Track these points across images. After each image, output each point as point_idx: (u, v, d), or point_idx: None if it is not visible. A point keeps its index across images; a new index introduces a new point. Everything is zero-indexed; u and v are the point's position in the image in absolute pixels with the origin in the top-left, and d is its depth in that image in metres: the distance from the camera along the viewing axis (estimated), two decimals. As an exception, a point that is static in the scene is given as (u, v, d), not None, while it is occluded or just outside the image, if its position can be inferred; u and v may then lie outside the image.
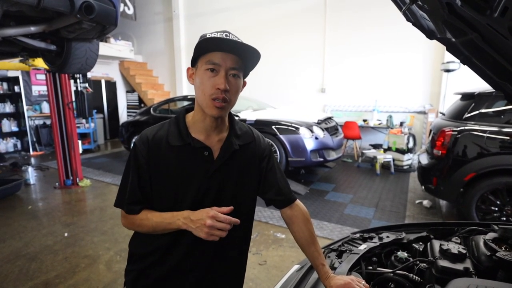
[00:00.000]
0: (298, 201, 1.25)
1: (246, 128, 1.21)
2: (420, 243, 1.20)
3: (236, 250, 1.19)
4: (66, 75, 5.36)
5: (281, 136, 5.22)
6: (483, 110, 3.65)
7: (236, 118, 1.22)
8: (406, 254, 1.10)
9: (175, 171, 1.06)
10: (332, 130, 5.83)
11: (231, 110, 1.12)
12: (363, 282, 0.98)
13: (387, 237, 1.27)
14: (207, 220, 0.93)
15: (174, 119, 1.13)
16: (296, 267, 1.21)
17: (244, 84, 1.11)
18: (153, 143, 1.07)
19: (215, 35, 0.98)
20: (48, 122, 8.83)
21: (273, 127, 5.31)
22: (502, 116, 3.53)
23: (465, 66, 1.08)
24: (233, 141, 1.12)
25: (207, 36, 0.99)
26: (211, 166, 1.08)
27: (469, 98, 3.86)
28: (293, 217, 1.21)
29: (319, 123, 5.59)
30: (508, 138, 3.39)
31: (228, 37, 0.97)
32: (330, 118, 6.24)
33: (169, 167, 1.06)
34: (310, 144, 5.15)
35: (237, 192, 1.14)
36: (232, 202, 1.11)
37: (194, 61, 1.06)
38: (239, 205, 1.13)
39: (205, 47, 1.00)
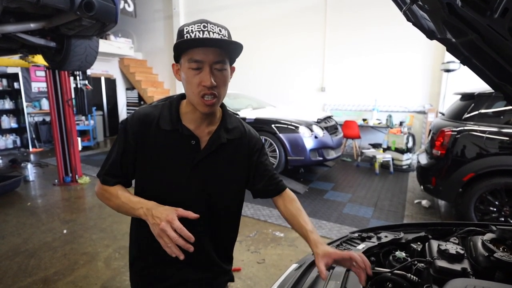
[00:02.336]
0: (287, 190, 1.25)
1: (237, 123, 1.19)
2: (418, 243, 1.20)
3: (223, 239, 1.22)
4: (66, 72, 5.35)
5: (281, 135, 5.22)
6: (482, 111, 3.66)
7: (237, 117, 1.22)
8: (404, 254, 1.10)
9: (161, 155, 1.07)
10: (332, 129, 5.84)
11: (228, 105, 1.13)
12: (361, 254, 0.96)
13: (386, 237, 1.27)
14: (162, 222, 0.92)
15: (169, 103, 1.12)
16: (294, 266, 1.21)
17: (233, 69, 1.09)
18: (144, 122, 1.08)
19: (192, 29, 0.96)
20: (47, 119, 8.82)
21: (272, 125, 5.31)
22: (502, 117, 3.54)
23: (465, 67, 1.08)
24: (222, 134, 1.11)
25: (184, 33, 0.97)
26: (196, 156, 1.08)
27: (468, 98, 3.87)
28: (284, 202, 1.22)
29: (318, 122, 5.59)
30: (507, 138, 3.40)
31: (206, 30, 0.95)
32: (329, 117, 6.24)
33: (156, 149, 1.07)
34: (309, 143, 5.15)
35: (223, 184, 1.14)
36: (217, 194, 1.13)
37: (178, 58, 1.04)
38: (225, 197, 1.16)
39: (184, 44, 0.97)
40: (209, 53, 0.97)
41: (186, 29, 0.97)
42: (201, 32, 0.95)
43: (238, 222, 1.28)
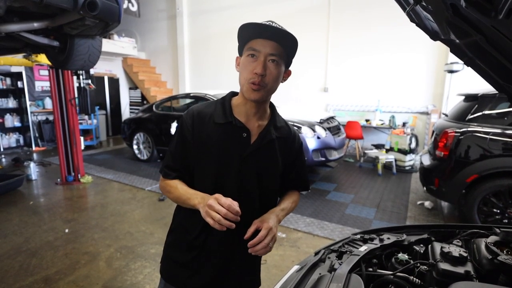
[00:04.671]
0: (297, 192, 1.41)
1: (284, 122, 1.29)
2: (421, 245, 1.19)
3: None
4: (69, 71, 5.37)
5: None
6: (486, 112, 3.64)
7: None
8: (406, 256, 1.09)
9: (214, 147, 1.14)
10: (334, 130, 5.82)
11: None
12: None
13: (388, 238, 1.26)
14: (209, 200, 1.00)
15: (221, 99, 1.21)
16: (296, 267, 1.20)
17: (289, 73, 1.19)
18: (198, 117, 1.16)
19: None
20: (50, 117, 8.87)
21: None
22: (505, 118, 3.52)
23: (469, 67, 1.07)
24: (272, 130, 1.19)
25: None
26: (246, 149, 1.15)
27: (472, 99, 3.85)
28: (287, 193, 1.37)
29: (321, 122, 5.58)
30: (511, 140, 3.37)
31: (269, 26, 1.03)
32: (332, 117, 6.23)
33: (210, 142, 1.14)
34: (312, 144, 5.14)
35: (270, 178, 1.23)
36: (265, 188, 1.21)
37: (241, 50, 1.14)
38: (270, 191, 1.26)
39: (247, 35, 1.08)
40: (266, 45, 1.05)
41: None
42: (259, 23, 1.05)
43: None
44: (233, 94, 1.24)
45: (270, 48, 1.05)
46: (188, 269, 1.23)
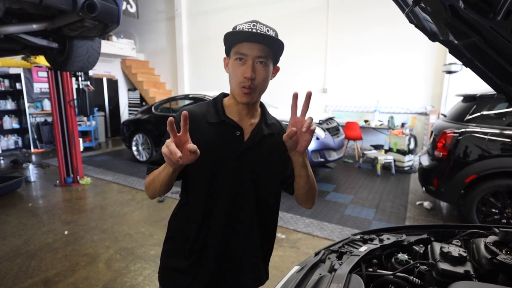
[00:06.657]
0: None
1: (274, 120, 1.31)
2: (421, 245, 1.19)
3: (263, 232, 1.29)
4: (68, 73, 5.36)
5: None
6: (484, 112, 3.65)
7: None
8: (406, 257, 1.09)
9: (208, 147, 1.13)
10: (333, 131, 5.82)
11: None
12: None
13: (388, 239, 1.26)
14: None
15: (213, 100, 1.23)
16: (296, 268, 1.20)
17: (277, 69, 1.21)
18: (190, 118, 1.13)
19: (243, 27, 1.06)
20: (49, 119, 8.84)
21: (274, 127, 5.29)
22: (504, 118, 3.53)
23: (467, 68, 1.07)
24: (264, 127, 1.21)
25: (237, 28, 1.08)
26: (240, 147, 1.16)
27: (470, 100, 3.86)
28: None
29: (320, 123, 5.58)
30: (509, 140, 3.38)
31: (254, 28, 1.05)
32: (331, 118, 6.23)
33: (203, 142, 1.12)
34: (311, 145, 5.12)
35: (266, 175, 1.22)
36: (262, 185, 1.21)
37: (228, 52, 1.14)
38: (269, 189, 1.25)
39: (232, 39, 1.08)
40: (253, 48, 1.06)
41: (238, 27, 1.08)
42: (250, 29, 1.06)
43: (277, 219, 1.37)
44: (224, 95, 1.25)
45: (257, 50, 1.06)
46: (188, 275, 1.22)
